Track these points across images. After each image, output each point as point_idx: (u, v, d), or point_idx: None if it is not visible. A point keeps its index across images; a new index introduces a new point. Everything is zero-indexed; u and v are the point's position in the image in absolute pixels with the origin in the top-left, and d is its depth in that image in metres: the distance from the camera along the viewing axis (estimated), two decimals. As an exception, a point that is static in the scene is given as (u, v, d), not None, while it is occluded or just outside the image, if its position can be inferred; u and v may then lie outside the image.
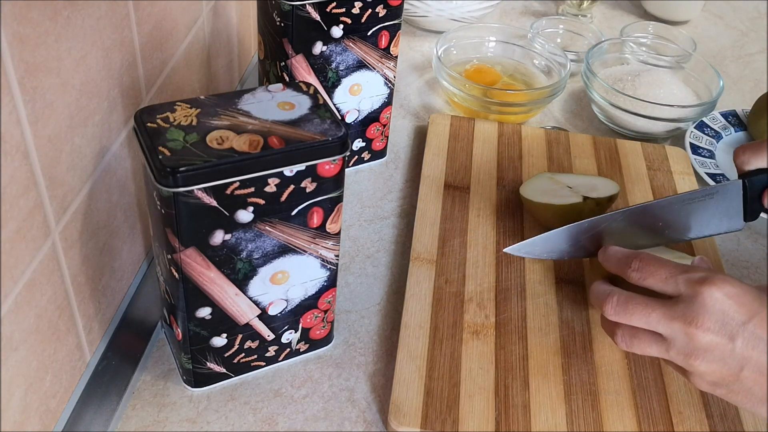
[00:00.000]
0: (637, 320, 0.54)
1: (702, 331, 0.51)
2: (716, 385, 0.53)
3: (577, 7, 1.20)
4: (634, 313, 0.54)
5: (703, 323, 0.51)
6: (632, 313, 0.54)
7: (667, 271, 0.54)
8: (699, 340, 0.51)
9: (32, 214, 0.47)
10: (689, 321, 0.51)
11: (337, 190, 0.54)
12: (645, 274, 0.55)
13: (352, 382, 0.63)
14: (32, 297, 0.48)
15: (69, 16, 0.48)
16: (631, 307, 0.54)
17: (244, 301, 0.56)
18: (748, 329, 0.51)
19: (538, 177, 0.79)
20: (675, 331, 0.52)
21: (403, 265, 0.74)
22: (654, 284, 0.54)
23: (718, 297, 0.51)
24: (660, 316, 0.53)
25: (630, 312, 0.54)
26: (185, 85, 0.74)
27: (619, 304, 0.54)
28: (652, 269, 0.55)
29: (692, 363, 0.52)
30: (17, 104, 0.43)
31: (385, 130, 0.85)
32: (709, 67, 0.97)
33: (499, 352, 0.64)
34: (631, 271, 0.56)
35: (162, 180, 0.47)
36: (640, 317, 0.53)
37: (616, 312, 0.55)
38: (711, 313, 0.51)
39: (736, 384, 0.52)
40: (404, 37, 1.11)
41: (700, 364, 0.52)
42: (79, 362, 0.56)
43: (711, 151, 0.92)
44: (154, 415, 0.59)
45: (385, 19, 0.75)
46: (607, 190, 0.74)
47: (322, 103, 0.54)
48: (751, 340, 0.51)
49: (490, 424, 0.58)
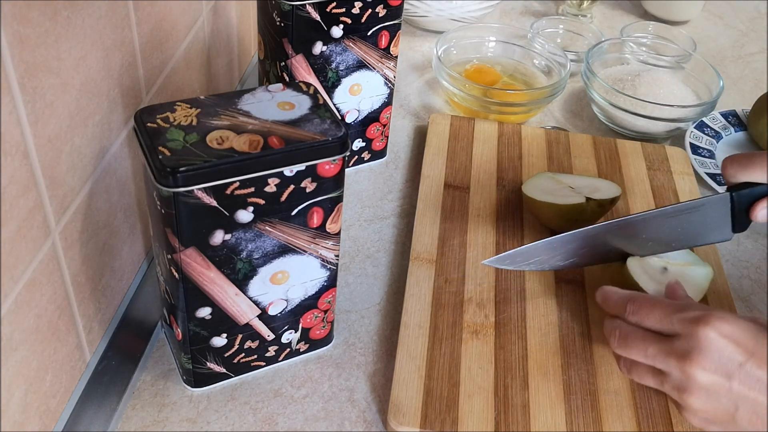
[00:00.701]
0: (635, 354, 0.55)
1: (698, 370, 0.51)
2: (710, 422, 0.53)
3: (577, 7, 1.20)
4: (632, 347, 0.55)
5: (699, 362, 0.51)
6: (631, 347, 0.55)
7: (662, 312, 0.55)
8: (694, 378, 0.52)
9: (32, 214, 0.47)
10: (685, 359, 0.52)
11: (337, 190, 0.54)
12: (641, 317, 0.56)
13: (352, 382, 0.63)
14: (32, 297, 0.48)
15: (69, 16, 0.48)
16: (630, 341, 0.56)
17: (244, 301, 0.56)
18: (745, 369, 0.51)
19: (539, 176, 0.79)
20: (671, 367, 0.53)
21: (403, 265, 0.74)
22: (651, 325, 0.55)
23: (713, 337, 0.51)
24: (656, 352, 0.54)
25: (629, 346, 0.56)
26: (185, 85, 0.74)
27: (621, 338, 0.56)
28: (646, 311, 0.56)
29: (686, 399, 0.53)
30: (17, 104, 0.43)
31: (385, 130, 0.85)
32: (709, 67, 0.97)
33: (499, 352, 0.64)
34: (627, 315, 0.57)
35: (162, 180, 0.47)
36: (638, 352, 0.55)
37: (618, 345, 0.57)
38: (707, 353, 0.51)
39: (731, 424, 0.52)
40: (404, 37, 1.11)
41: (695, 401, 0.52)
42: (79, 362, 0.56)
43: (711, 151, 0.92)
44: (154, 415, 0.59)
45: (385, 19, 0.75)
46: (609, 192, 0.74)
47: (322, 103, 0.54)
48: (747, 380, 0.50)
49: (490, 424, 0.58)
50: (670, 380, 0.53)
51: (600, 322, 0.67)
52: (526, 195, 0.75)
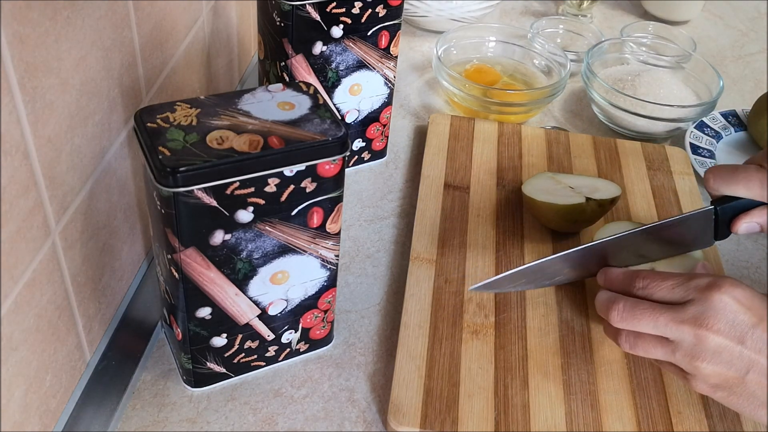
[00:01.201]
0: (644, 325, 0.55)
1: (712, 333, 0.52)
2: (718, 387, 0.53)
3: (577, 7, 1.20)
4: (642, 318, 0.54)
5: (713, 325, 0.52)
6: (640, 318, 0.55)
7: (674, 281, 0.55)
8: (708, 342, 0.52)
9: (32, 214, 0.47)
10: (699, 323, 0.52)
11: (337, 190, 0.54)
12: (652, 289, 0.56)
13: (352, 382, 0.63)
14: (32, 297, 0.48)
15: (69, 16, 0.48)
16: (638, 313, 0.55)
17: (244, 301, 0.56)
18: (756, 333, 0.52)
19: (539, 176, 0.79)
20: (684, 334, 0.53)
21: (403, 265, 0.74)
22: (662, 295, 0.55)
23: (728, 301, 0.52)
24: (668, 320, 0.53)
25: (638, 318, 0.55)
26: (185, 85, 0.74)
27: (626, 310, 0.55)
28: (657, 282, 0.55)
29: (698, 365, 0.53)
30: (17, 104, 0.43)
31: (385, 130, 0.85)
32: (709, 67, 0.97)
33: (499, 351, 0.64)
34: (636, 290, 0.56)
35: (162, 180, 0.47)
36: (648, 322, 0.54)
37: (623, 318, 0.55)
38: (721, 316, 0.52)
39: (740, 387, 0.52)
40: (404, 37, 1.11)
41: (706, 366, 0.52)
42: (79, 362, 0.56)
43: (711, 151, 0.92)
44: (154, 415, 0.59)
45: (385, 19, 0.75)
46: (609, 192, 0.74)
47: (322, 103, 0.54)
48: (758, 343, 0.51)
49: (490, 424, 0.58)
50: (681, 348, 0.53)
51: (600, 323, 0.67)
52: (526, 195, 0.75)
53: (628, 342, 0.56)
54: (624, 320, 0.55)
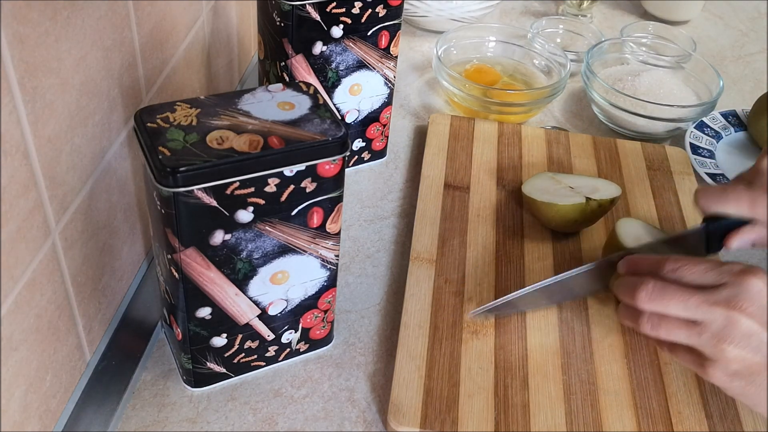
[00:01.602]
0: (674, 306, 0.54)
1: (744, 316, 0.52)
2: (736, 375, 0.53)
3: (577, 7, 1.20)
4: (672, 299, 0.54)
5: (746, 308, 0.52)
6: (670, 299, 0.54)
7: (706, 265, 0.55)
8: (739, 325, 0.52)
9: (32, 214, 0.47)
10: (732, 305, 0.52)
11: (337, 190, 0.54)
12: (683, 272, 0.55)
13: (352, 382, 0.63)
14: (32, 297, 0.48)
15: (69, 16, 0.48)
16: (669, 294, 0.54)
17: (244, 301, 0.56)
18: None
19: (539, 176, 0.79)
20: (715, 315, 0.52)
21: (403, 265, 0.74)
22: (694, 278, 0.55)
23: (762, 287, 0.52)
24: (700, 301, 0.53)
25: (668, 298, 0.54)
26: (185, 85, 0.74)
27: (656, 290, 0.55)
28: (689, 266, 0.55)
29: (723, 347, 0.52)
30: (17, 104, 0.43)
31: (385, 130, 0.85)
32: (709, 67, 0.97)
33: (499, 351, 0.64)
34: (666, 272, 0.56)
35: (162, 180, 0.47)
36: (678, 303, 0.54)
37: (652, 298, 0.55)
38: (756, 299, 0.52)
39: (760, 376, 0.52)
40: (404, 37, 1.11)
41: (732, 350, 0.52)
42: (79, 362, 0.56)
43: (711, 151, 0.92)
44: (154, 415, 0.59)
45: (385, 19, 0.75)
46: (609, 192, 0.74)
47: (322, 103, 0.54)
48: None
49: (490, 424, 0.58)
50: (709, 330, 0.53)
51: (600, 323, 0.67)
52: (526, 195, 0.75)
53: (651, 323, 0.55)
54: (653, 300, 0.55)
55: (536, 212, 0.75)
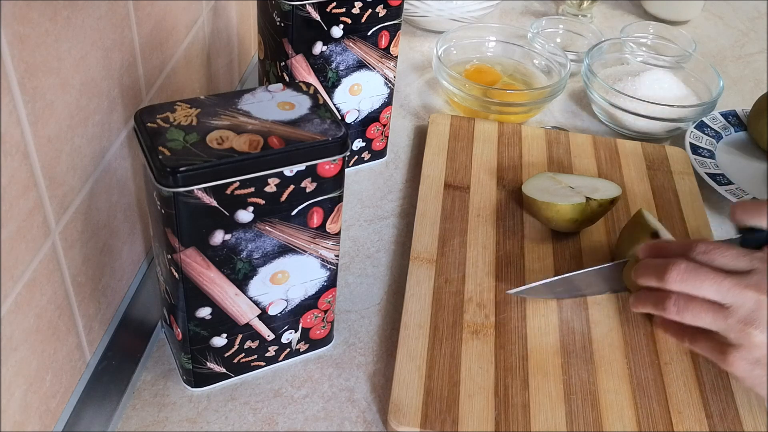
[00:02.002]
0: (706, 288, 0.54)
1: None
2: (758, 363, 0.53)
3: (577, 7, 1.20)
4: (705, 280, 0.54)
5: None
6: (703, 280, 0.54)
7: (738, 251, 0.55)
8: None
9: (32, 214, 0.47)
10: (763, 289, 0.52)
11: (337, 190, 0.54)
12: (714, 254, 0.55)
13: (352, 382, 0.63)
14: (32, 297, 0.48)
15: (69, 16, 0.48)
16: (702, 275, 0.54)
17: (244, 301, 0.56)
18: None
19: (539, 176, 0.79)
20: (745, 299, 0.53)
21: (403, 265, 0.74)
22: (725, 262, 0.55)
23: None
24: (731, 285, 0.53)
25: (701, 279, 0.54)
26: (185, 85, 0.74)
27: (688, 271, 0.55)
28: (721, 250, 0.55)
29: (750, 332, 0.53)
30: (17, 104, 0.43)
31: (385, 130, 0.85)
32: (709, 67, 0.97)
33: (499, 351, 0.64)
34: (696, 254, 0.56)
35: (162, 180, 0.47)
36: (711, 284, 0.54)
37: (684, 279, 0.55)
38: None
39: None
40: (404, 37, 1.11)
41: (758, 335, 0.52)
42: (79, 362, 0.56)
43: (711, 151, 0.92)
44: (154, 415, 0.59)
45: (385, 19, 0.75)
46: (609, 192, 0.74)
47: (322, 103, 0.54)
48: None
49: (490, 424, 0.58)
50: (737, 314, 0.53)
51: (600, 323, 0.67)
52: (526, 195, 0.75)
53: (677, 305, 0.55)
54: (684, 281, 0.55)
55: (536, 212, 0.75)
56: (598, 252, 0.74)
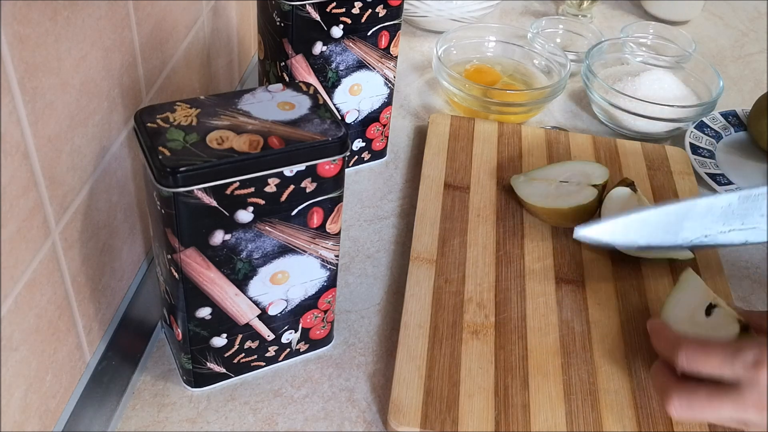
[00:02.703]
0: (709, 416, 0.54)
1: None
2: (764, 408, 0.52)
3: (577, 7, 1.20)
4: (704, 409, 0.54)
5: None
6: (701, 410, 0.54)
7: (719, 358, 0.53)
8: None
9: (32, 214, 0.47)
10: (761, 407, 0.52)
11: (337, 190, 0.54)
12: (696, 363, 0.54)
13: (352, 382, 0.63)
14: (32, 297, 0.48)
15: (69, 17, 0.48)
16: (697, 406, 0.54)
17: (244, 301, 0.56)
18: None
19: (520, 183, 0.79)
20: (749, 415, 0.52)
21: (403, 265, 0.74)
22: (710, 372, 0.54)
23: None
24: (731, 410, 0.53)
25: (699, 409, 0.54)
26: (185, 85, 0.74)
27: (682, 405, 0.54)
28: (702, 358, 0.54)
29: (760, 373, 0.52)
30: (17, 104, 0.43)
31: (385, 130, 0.85)
32: (709, 67, 0.97)
33: (499, 351, 0.64)
34: (679, 361, 0.55)
35: (162, 180, 0.47)
36: (711, 413, 0.54)
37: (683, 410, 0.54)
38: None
39: None
40: (404, 37, 1.11)
41: None
42: (79, 362, 0.56)
43: (711, 151, 0.92)
44: (154, 415, 0.59)
45: (385, 19, 0.75)
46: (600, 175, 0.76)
47: (322, 103, 0.54)
48: None
49: (490, 424, 0.58)
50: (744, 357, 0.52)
51: (600, 323, 0.67)
52: (529, 204, 0.76)
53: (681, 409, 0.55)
54: (684, 413, 0.54)
55: (541, 216, 0.76)
56: (599, 252, 0.74)
